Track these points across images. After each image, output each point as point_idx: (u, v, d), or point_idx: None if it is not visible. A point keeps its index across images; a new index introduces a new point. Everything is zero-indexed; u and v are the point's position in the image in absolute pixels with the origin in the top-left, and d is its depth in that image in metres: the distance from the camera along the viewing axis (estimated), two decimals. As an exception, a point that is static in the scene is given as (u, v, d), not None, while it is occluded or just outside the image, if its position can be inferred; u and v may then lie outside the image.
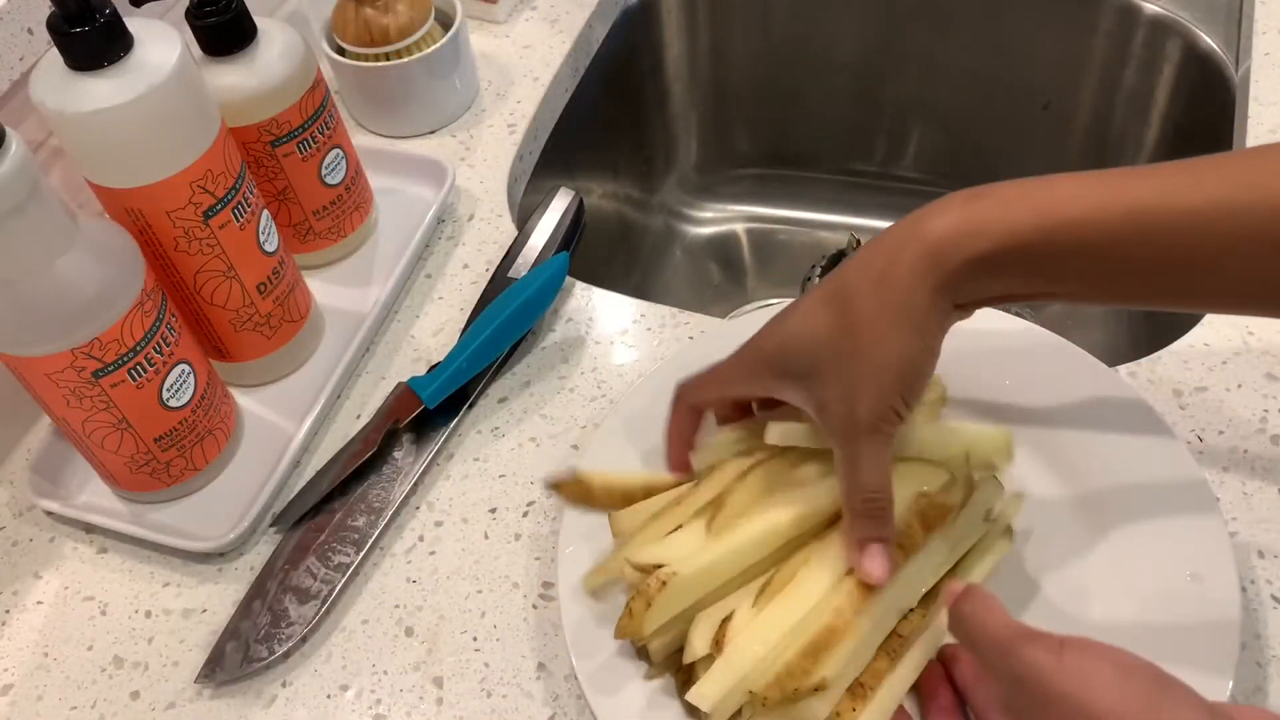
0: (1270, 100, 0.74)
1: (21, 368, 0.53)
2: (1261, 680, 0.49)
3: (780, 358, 0.49)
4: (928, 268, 0.44)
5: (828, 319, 0.46)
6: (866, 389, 0.45)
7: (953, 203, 0.45)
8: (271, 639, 0.55)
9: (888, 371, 0.45)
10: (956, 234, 0.44)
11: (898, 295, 0.44)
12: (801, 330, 0.48)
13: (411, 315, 0.70)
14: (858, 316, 0.45)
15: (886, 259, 0.45)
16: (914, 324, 0.45)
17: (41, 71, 0.52)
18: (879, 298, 0.45)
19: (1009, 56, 0.95)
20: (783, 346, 0.48)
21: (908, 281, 0.44)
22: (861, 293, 0.45)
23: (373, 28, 0.76)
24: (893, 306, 0.44)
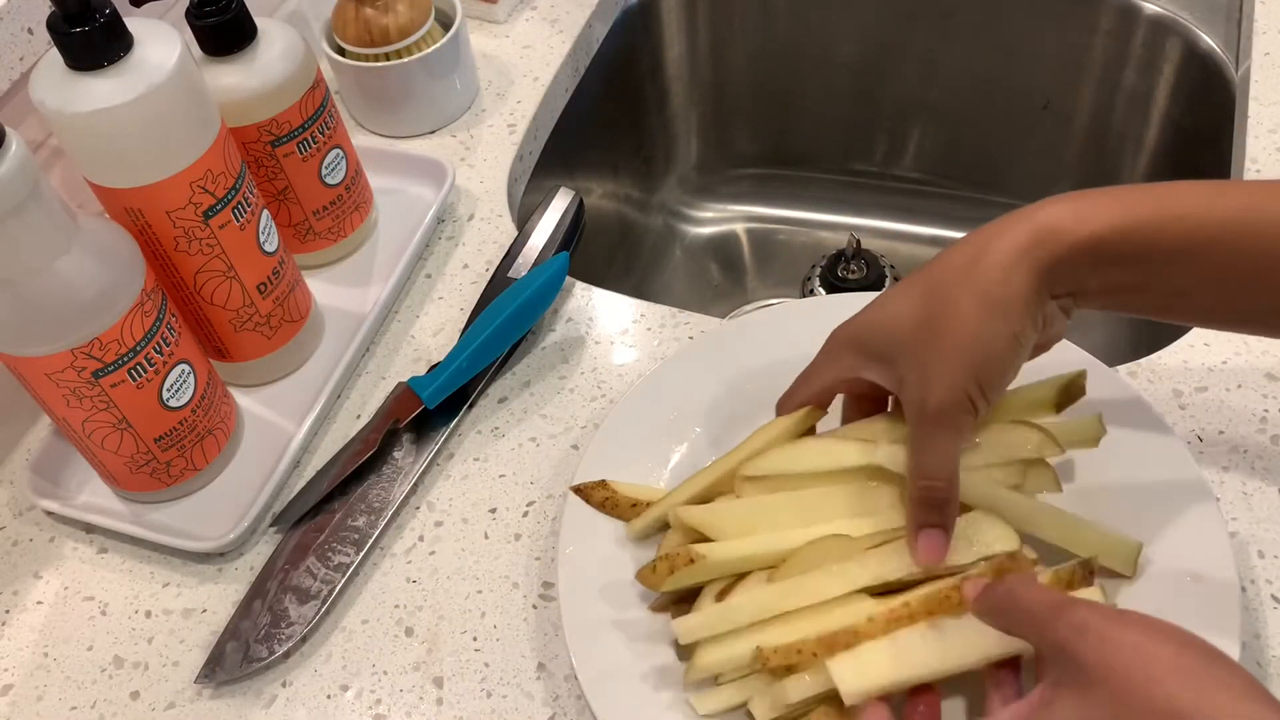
0: (1270, 100, 0.74)
1: (21, 368, 0.53)
2: (1262, 680, 0.49)
3: (865, 336, 0.49)
4: (1029, 250, 0.44)
5: (913, 299, 0.46)
6: (942, 373, 0.45)
7: (1063, 196, 0.45)
8: (271, 639, 0.55)
9: (965, 355, 0.44)
10: (1065, 219, 0.44)
11: (991, 277, 0.44)
12: (887, 310, 0.48)
13: (411, 315, 0.70)
14: (944, 297, 0.45)
15: (984, 241, 0.45)
16: (1003, 308, 0.44)
17: (41, 71, 0.52)
18: (969, 279, 0.44)
19: (1009, 56, 0.95)
20: (868, 325, 0.48)
21: (1004, 264, 0.44)
22: (952, 273, 0.45)
23: (373, 28, 0.76)
24: (982, 288, 0.44)
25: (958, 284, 0.44)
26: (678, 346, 0.65)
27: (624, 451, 0.57)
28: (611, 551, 0.54)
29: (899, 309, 0.47)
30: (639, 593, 0.52)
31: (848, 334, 0.50)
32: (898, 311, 0.47)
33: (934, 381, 0.45)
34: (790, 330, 0.61)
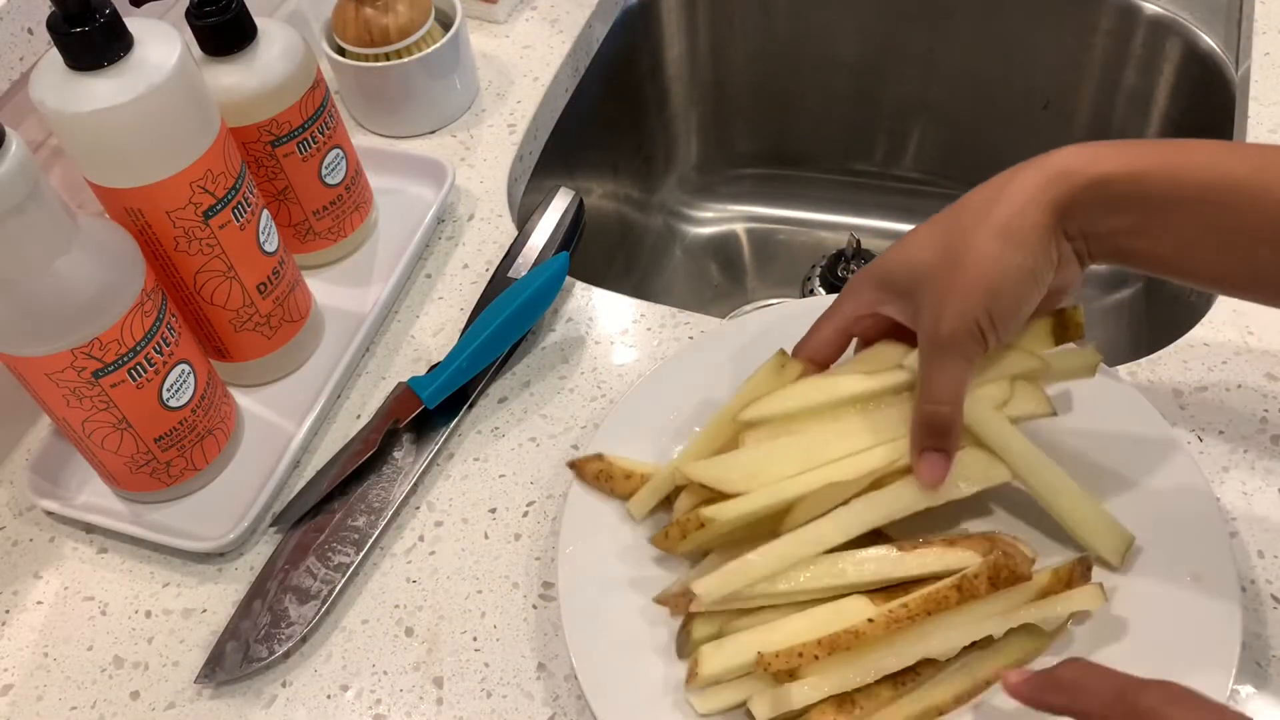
0: (1270, 100, 0.74)
1: (21, 368, 0.53)
2: (1261, 680, 0.49)
3: (885, 271, 0.50)
4: (1045, 188, 0.46)
5: (934, 237, 0.48)
6: (956, 300, 0.46)
7: (1077, 145, 0.47)
8: (271, 639, 0.55)
9: (980, 285, 0.46)
10: (1082, 159, 0.46)
11: (1007, 210, 0.46)
12: (909, 247, 0.49)
13: (411, 315, 0.70)
14: (963, 231, 0.47)
15: (1002, 183, 0.47)
16: (1018, 241, 0.46)
17: (41, 71, 0.52)
18: (987, 215, 0.46)
19: (1009, 56, 0.95)
20: (890, 261, 0.50)
21: (1021, 200, 0.46)
22: (971, 213, 0.47)
23: (373, 28, 0.76)
24: (999, 222, 0.46)
25: (976, 220, 0.46)
26: (678, 346, 0.65)
27: (624, 451, 0.57)
28: (612, 551, 0.54)
29: (920, 246, 0.49)
30: (640, 593, 0.53)
31: (870, 271, 0.51)
32: (919, 247, 0.49)
33: (947, 308, 0.46)
34: (790, 330, 0.61)
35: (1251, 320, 0.62)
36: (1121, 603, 0.49)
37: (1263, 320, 0.62)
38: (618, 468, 0.55)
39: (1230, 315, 0.63)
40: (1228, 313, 0.63)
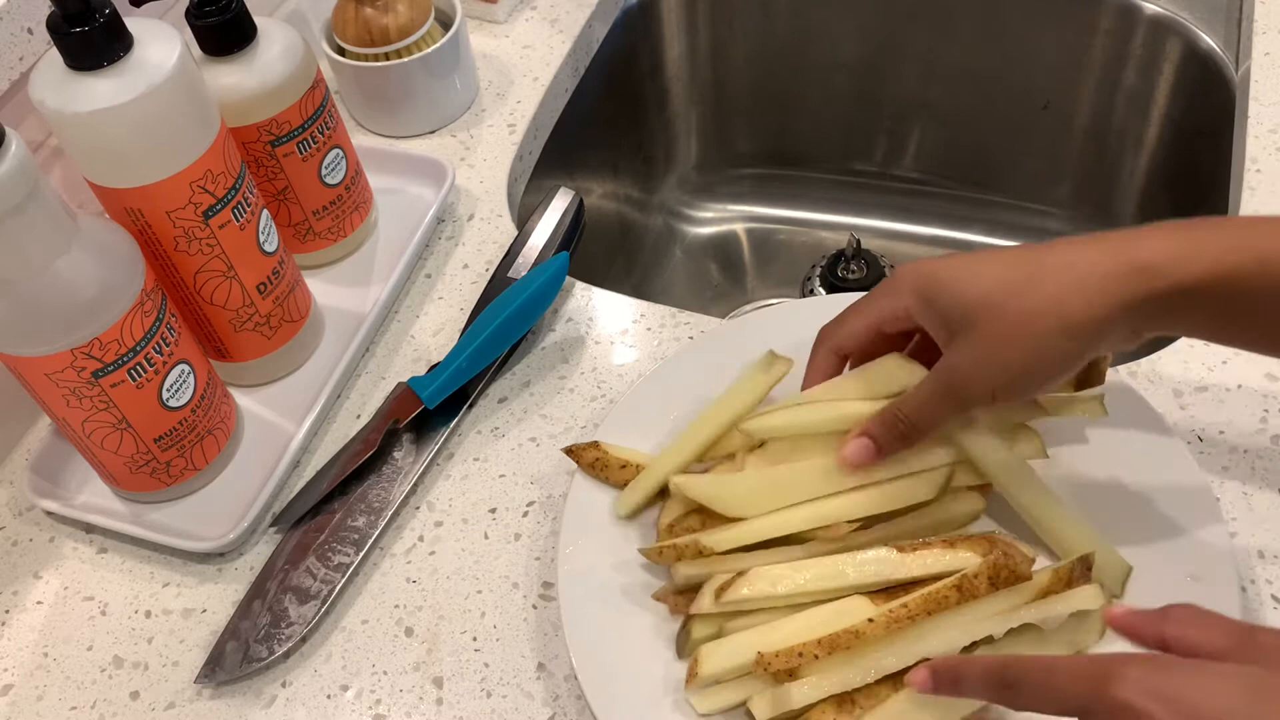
0: (1270, 100, 0.74)
1: (21, 368, 0.53)
2: (1261, 680, 0.49)
3: (933, 285, 0.47)
4: (1125, 279, 0.43)
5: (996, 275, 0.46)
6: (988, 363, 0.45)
7: (1164, 229, 0.44)
8: (271, 639, 0.55)
9: (1019, 361, 0.45)
10: (1170, 253, 0.43)
11: (1076, 296, 0.44)
12: (967, 273, 0.47)
13: (411, 315, 0.70)
14: (1024, 292, 0.44)
15: (1079, 254, 0.44)
16: (1074, 330, 0.44)
17: (41, 71, 0.52)
18: (1054, 287, 0.44)
19: (1009, 56, 0.95)
20: (940, 276, 0.47)
21: (1092, 287, 0.43)
22: (1041, 272, 0.44)
23: (373, 28, 0.76)
24: (1062, 303, 0.44)
25: (1040, 286, 0.44)
26: (677, 346, 0.65)
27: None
28: (612, 551, 0.54)
29: (978, 280, 0.46)
30: (639, 592, 0.53)
31: (919, 276, 0.48)
32: (976, 281, 0.46)
33: (978, 365, 0.46)
34: (790, 330, 0.61)
35: (1251, 320, 0.62)
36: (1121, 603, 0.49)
37: (1263, 320, 0.62)
38: (613, 457, 0.56)
39: None
40: (1228, 313, 0.63)
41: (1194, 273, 0.43)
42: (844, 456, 0.50)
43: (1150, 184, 0.94)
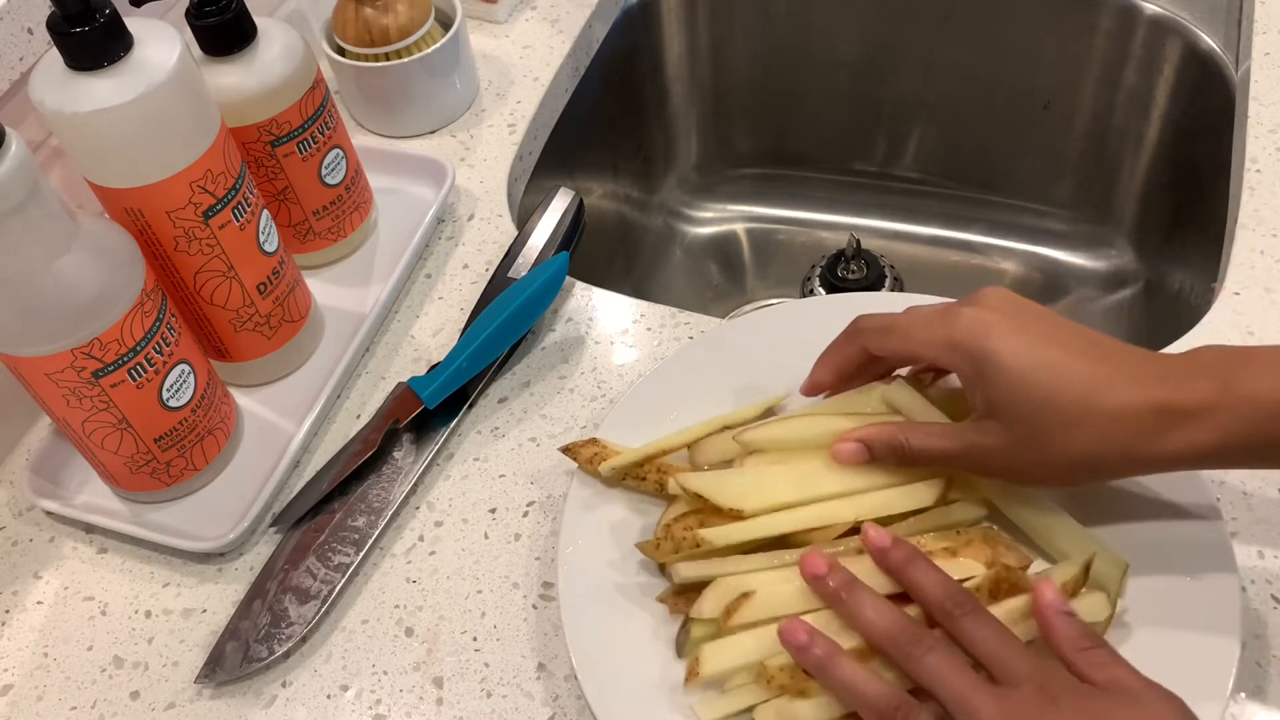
0: (1270, 100, 0.74)
1: (21, 368, 0.53)
2: (1262, 680, 0.49)
3: (991, 368, 0.46)
4: (1169, 439, 0.43)
5: (1053, 394, 0.44)
6: (1011, 467, 0.47)
7: (1264, 357, 0.44)
8: (271, 639, 0.55)
9: (1038, 477, 0.47)
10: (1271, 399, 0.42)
11: (1120, 451, 0.44)
12: (1028, 370, 0.45)
13: (411, 315, 0.70)
14: (1073, 430, 0.44)
15: (1164, 371, 0.44)
16: (1134, 460, 0.45)
17: (41, 71, 0.52)
18: (1102, 438, 0.44)
19: (1009, 56, 0.95)
20: (1002, 359, 0.45)
21: (1141, 448, 0.44)
22: (1094, 414, 0.44)
23: (373, 28, 0.76)
24: (1106, 454, 0.44)
25: (1086, 428, 0.44)
26: (677, 346, 0.65)
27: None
28: (611, 551, 0.54)
29: (1036, 384, 0.45)
30: (639, 592, 0.53)
31: (977, 351, 0.46)
32: (1033, 385, 0.45)
33: (1002, 456, 0.46)
34: (790, 330, 0.61)
35: (1251, 320, 0.62)
36: (1121, 603, 0.49)
37: (1263, 320, 0.62)
38: (612, 452, 0.56)
39: (1230, 315, 0.63)
40: (1228, 313, 0.63)
41: (1241, 431, 0.43)
42: (835, 450, 0.51)
43: (1150, 184, 0.94)
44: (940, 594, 0.45)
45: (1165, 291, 0.90)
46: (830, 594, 0.47)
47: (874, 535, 0.48)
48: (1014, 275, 1.02)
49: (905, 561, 0.47)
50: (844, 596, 0.46)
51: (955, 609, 0.44)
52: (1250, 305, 0.63)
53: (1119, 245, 0.99)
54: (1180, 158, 0.90)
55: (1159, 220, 0.94)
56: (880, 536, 0.48)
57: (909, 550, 0.47)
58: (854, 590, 0.46)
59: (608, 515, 0.55)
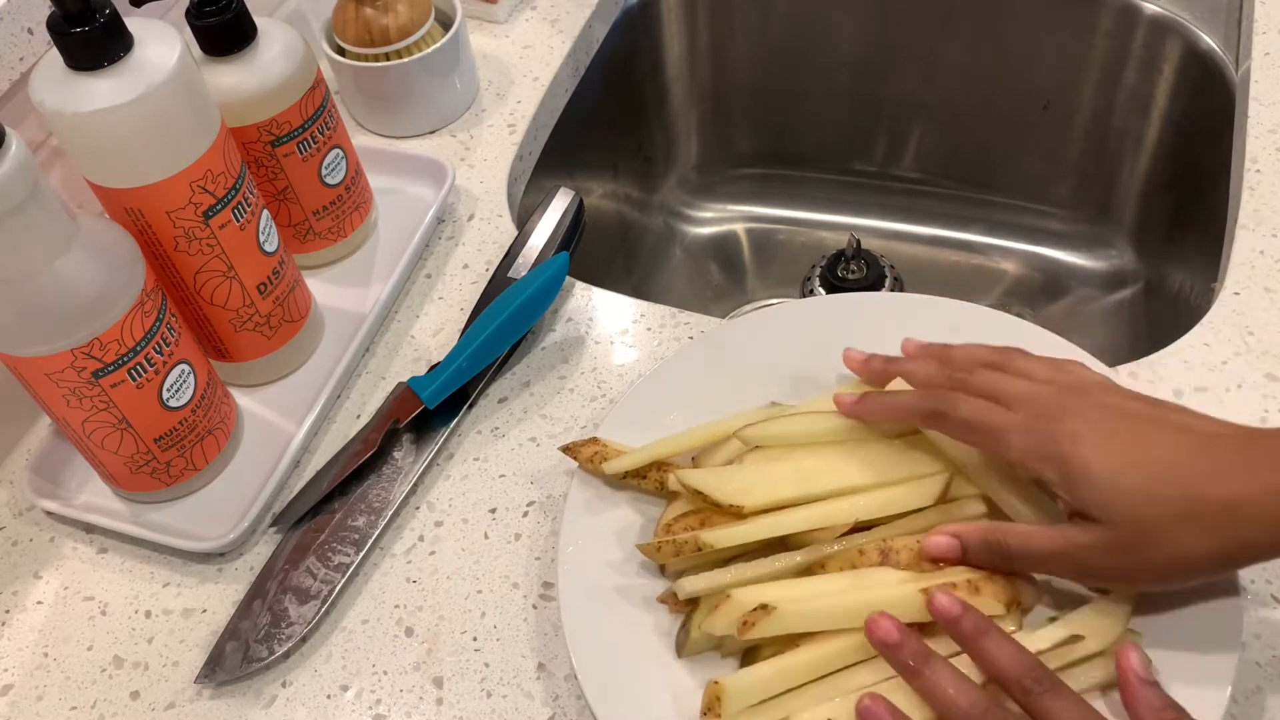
0: (1270, 100, 0.74)
1: (21, 368, 0.53)
2: (1262, 680, 0.49)
3: (1083, 479, 0.45)
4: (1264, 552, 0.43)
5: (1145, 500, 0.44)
6: (1108, 567, 0.45)
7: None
8: (271, 639, 0.55)
9: (1135, 578, 0.46)
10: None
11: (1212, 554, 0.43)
12: (1131, 460, 0.45)
13: (411, 315, 0.70)
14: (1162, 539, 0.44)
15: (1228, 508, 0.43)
16: (1208, 574, 0.45)
17: (41, 71, 0.52)
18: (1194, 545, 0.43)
19: (1009, 56, 0.95)
20: (1091, 469, 0.45)
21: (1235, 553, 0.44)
22: (1189, 522, 0.43)
23: (373, 28, 0.76)
24: (1200, 561, 0.44)
25: (1178, 536, 0.43)
26: (677, 346, 0.65)
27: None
28: (611, 551, 0.54)
29: (1125, 493, 0.44)
30: (639, 592, 0.53)
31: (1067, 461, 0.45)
32: (1123, 494, 0.44)
33: (1099, 555, 0.45)
34: (790, 330, 0.61)
35: (1251, 320, 0.62)
36: None
37: (1263, 320, 0.62)
38: (613, 451, 0.56)
39: (1230, 315, 0.63)
40: (1228, 313, 0.63)
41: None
42: (927, 544, 0.49)
43: (1150, 184, 0.94)
44: (1018, 669, 0.43)
45: (1165, 291, 0.90)
46: (905, 666, 0.45)
47: (944, 603, 0.45)
48: (1014, 275, 1.02)
49: (978, 632, 0.45)
50: (922, 670, 0.44)
51: (1034, 685, 0.43)
52: (1250, 305, 0.63)
53: (1119, 245, 0.99)
54: (1180, 158, 0.90)
55: (1159, 220, 0.94)
56: (950, 605, 0.45)
57: (981, 620, 0.45)
58: (932, 664, 0.44)
59: (608, 515, 0.55)
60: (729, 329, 0.63)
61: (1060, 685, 0.43)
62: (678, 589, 0.50)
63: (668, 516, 0.53)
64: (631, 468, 0.54)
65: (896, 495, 0.51)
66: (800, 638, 0.48)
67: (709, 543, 0.50)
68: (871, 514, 0.50)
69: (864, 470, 0.51)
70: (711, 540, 0.50)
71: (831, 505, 0.51)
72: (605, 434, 0.57)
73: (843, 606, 0.48)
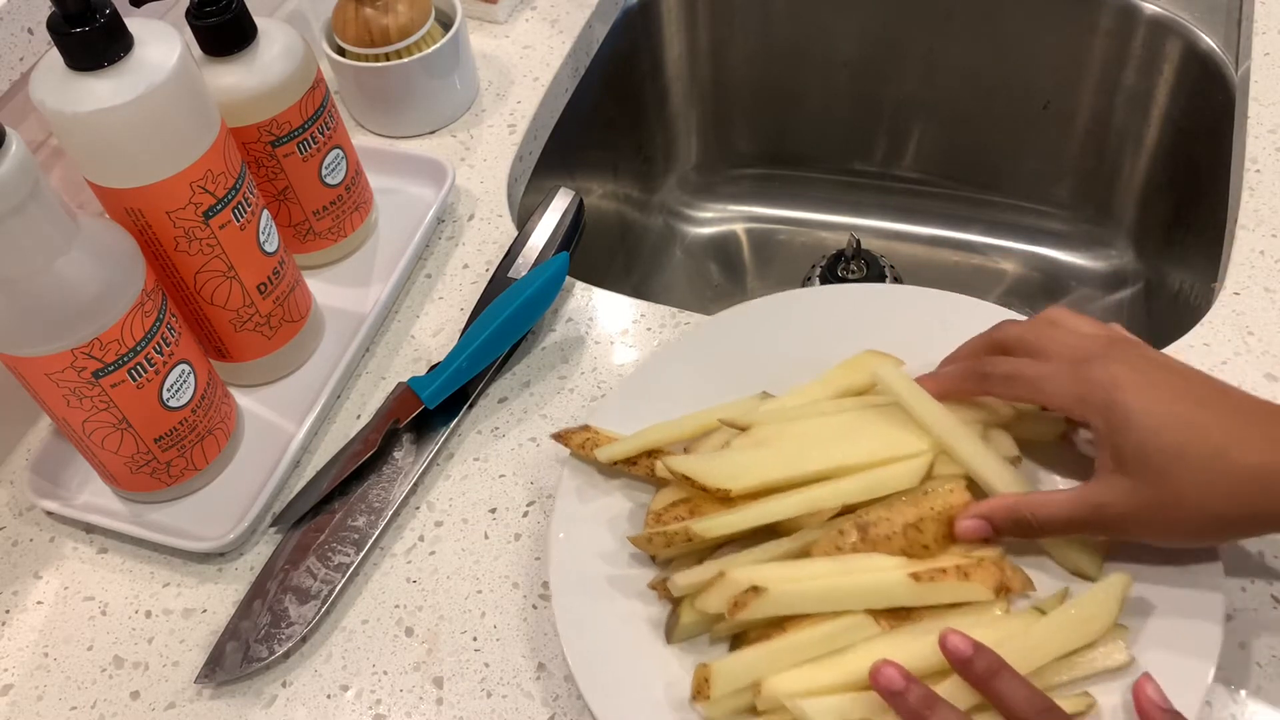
0: (1270, 100, 0.74)
1: (21, 368, 0.53)
2: (1262, 680, 0.49)
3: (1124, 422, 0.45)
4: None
5: (1214, 430, 0.44)
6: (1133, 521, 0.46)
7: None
8: (271, 639, 0.55)
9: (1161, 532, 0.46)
10: None
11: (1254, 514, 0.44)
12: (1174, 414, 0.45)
13: (411, 315, 0.70)
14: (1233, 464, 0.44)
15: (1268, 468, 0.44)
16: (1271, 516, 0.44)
17: (41, 71, 0.52)
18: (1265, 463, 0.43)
19: (1009, 56, 0.95)
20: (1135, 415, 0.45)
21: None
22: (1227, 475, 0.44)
23: (373, 28, 0.76)
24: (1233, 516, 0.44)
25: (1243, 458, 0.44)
26: (677, 333, 0.65)
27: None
28: (603, 537, 0.55)
29: (1176, 418, 0.45)
30: (630, 582, 0.53)
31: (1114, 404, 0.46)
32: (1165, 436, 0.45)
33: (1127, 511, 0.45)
34: (781, 321, 0.61)
35: (1251, 320, 0.62)
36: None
37: (1263, 320, 0.62)
38: (604, 438, 0.56)
39: (1230, 316, 0.63)
40: (1228, 313, 0.63)
41: None
42: (959, 528, 0.50)
43: (1150, 184, 0.94)
44: (1029, 710, 0.43)
45: (1165, 291, 0.90)
46: (911, 713, 0.44)
47: (956, 643, 0.45)
48: (1014, 275, 1.02)
49: (990, 674, 0.44)
50: (928, 717, 0.44)
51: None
52: (1250, 305, 0.63)
53: (1119, 245, 0.99)
54: (1180, 158, 0.90)
55: (1159, 220, 0.94)
56: (962, 645, 0.45)
57: (993, 660, 0.45)
58: (937, 709, 0.44)
59: (600, 502, 0.56)
60: (720, 320, 0.63)
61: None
62: (671, 586, 0.50)
63: (658, 504, 0.54)
64: (623, 456, 0.55)
65: (881, 477, 0.51)
66: (787, 623, 0.49)
67: (699, 533, 0.50)
68: (857, 498, 0.51)
69: (849, 451, 0.52)
70: (701, 530, 0.50)
71: (818, 490, 0.51)
72: (597, 422, 0.58)
73: (834, 589, 0.48)
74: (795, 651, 0.48)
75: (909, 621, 0.48)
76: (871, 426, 0.53)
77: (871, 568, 0.49)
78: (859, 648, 0.48)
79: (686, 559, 0.53)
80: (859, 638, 0.48)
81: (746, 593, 0.48)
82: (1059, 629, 0.47)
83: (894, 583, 0.48)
